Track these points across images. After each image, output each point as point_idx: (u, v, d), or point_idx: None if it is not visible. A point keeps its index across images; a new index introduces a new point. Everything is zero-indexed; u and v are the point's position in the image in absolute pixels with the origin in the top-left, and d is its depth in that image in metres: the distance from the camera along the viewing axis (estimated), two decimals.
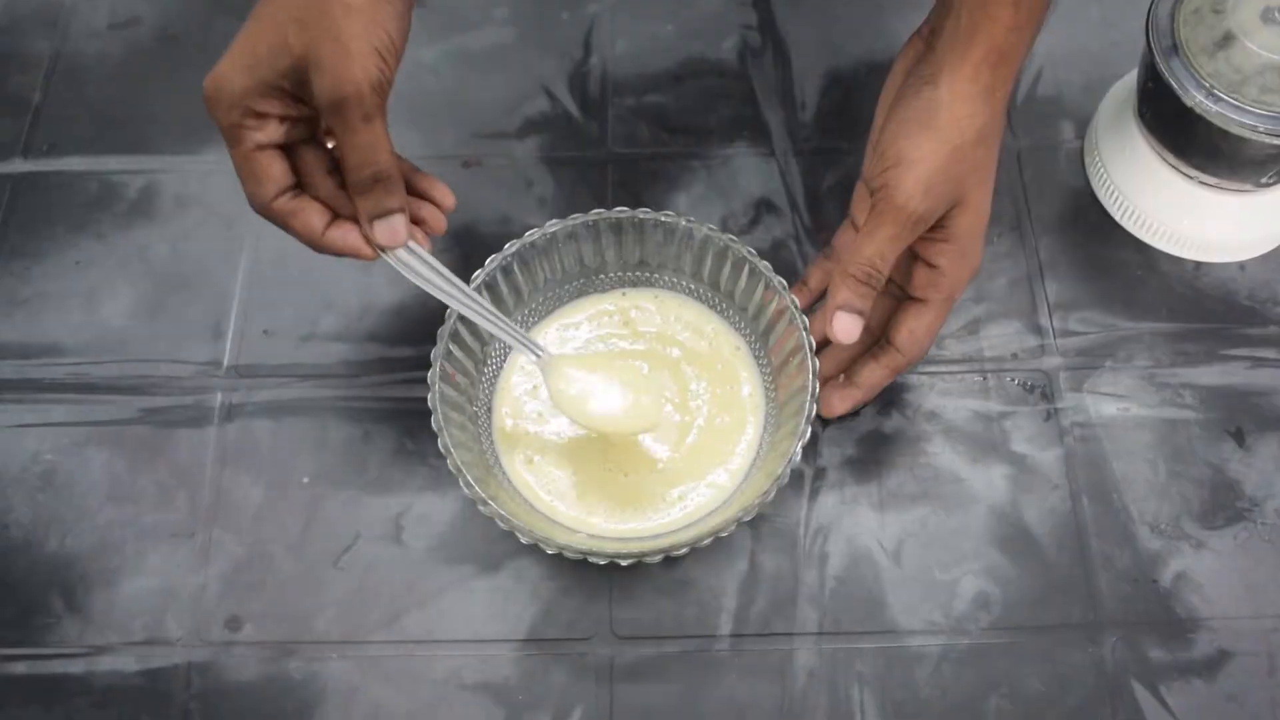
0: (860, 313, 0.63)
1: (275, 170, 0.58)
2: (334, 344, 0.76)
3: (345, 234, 0.60)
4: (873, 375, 0.69)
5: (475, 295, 0.64)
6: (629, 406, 0.67)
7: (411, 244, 0.61)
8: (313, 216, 0.59)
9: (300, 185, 0.60)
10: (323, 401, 0.74)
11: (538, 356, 0.66)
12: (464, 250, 0.78)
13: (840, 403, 0.69)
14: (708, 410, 0.71)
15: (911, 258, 0.66)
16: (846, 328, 0.63)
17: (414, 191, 0.63)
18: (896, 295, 0.68)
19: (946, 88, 0.61)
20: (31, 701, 0.66)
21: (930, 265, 0.65)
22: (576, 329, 0.73)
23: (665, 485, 0.69)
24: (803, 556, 0.69)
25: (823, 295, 0.71)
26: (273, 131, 0.57)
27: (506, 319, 0.64)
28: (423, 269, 0.62)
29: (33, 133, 0.84)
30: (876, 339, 0.70)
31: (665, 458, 0.70)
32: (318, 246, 0.60)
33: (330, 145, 0.60)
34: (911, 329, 0.67)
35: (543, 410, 0.71)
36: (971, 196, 0.63)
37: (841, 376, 0.70)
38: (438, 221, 0.63)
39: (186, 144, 0.83)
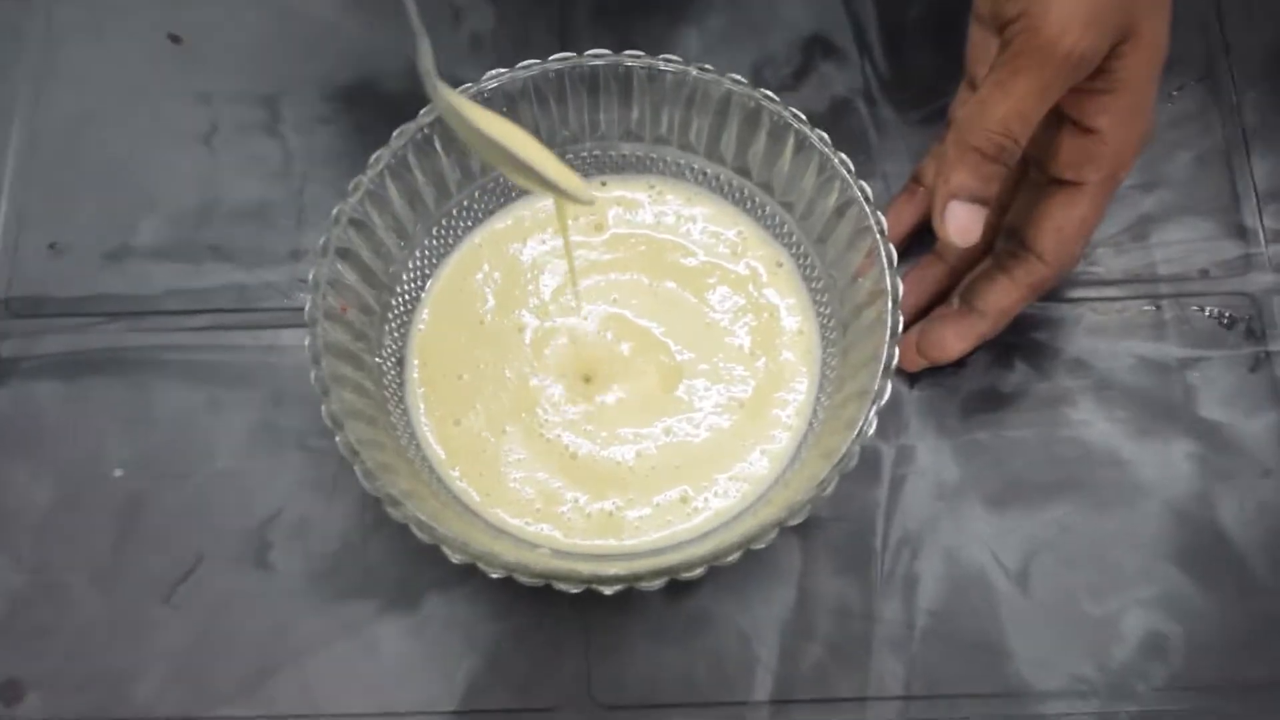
0: (984, 202, 0.54)
1: None
2: (159, 265, 0.64)
3: None
4: (1005, 296, 0.58)
5: None
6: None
7: None
8: None
9: None
10: (143, 353, 0.63)
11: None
12: (357, 118, 0.66)
13: (957, 339, 0.58)
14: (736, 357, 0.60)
15: (1055, 123, 0.56)
16: (963, 225, 0.53)
17: None
18: (1034, 180, 0.59)
19: None
20: None
21: (1086, 130, 0.55)
22: (523, 241, 0.60)
23: (671, 471, 0.57)
24: (880, 581, 0.59)
25: None
26: None
27: None
28: None
29: None
30: (990, 246, 0.60)
31: (673, 429, 0.58)
32: None
33: None
34: (1060, 225, 0.56)
35: (485, 360, 0.59)
36: (1144, 26, 0.53)
37: (955, 301, 0.59)
38: None
39: None
